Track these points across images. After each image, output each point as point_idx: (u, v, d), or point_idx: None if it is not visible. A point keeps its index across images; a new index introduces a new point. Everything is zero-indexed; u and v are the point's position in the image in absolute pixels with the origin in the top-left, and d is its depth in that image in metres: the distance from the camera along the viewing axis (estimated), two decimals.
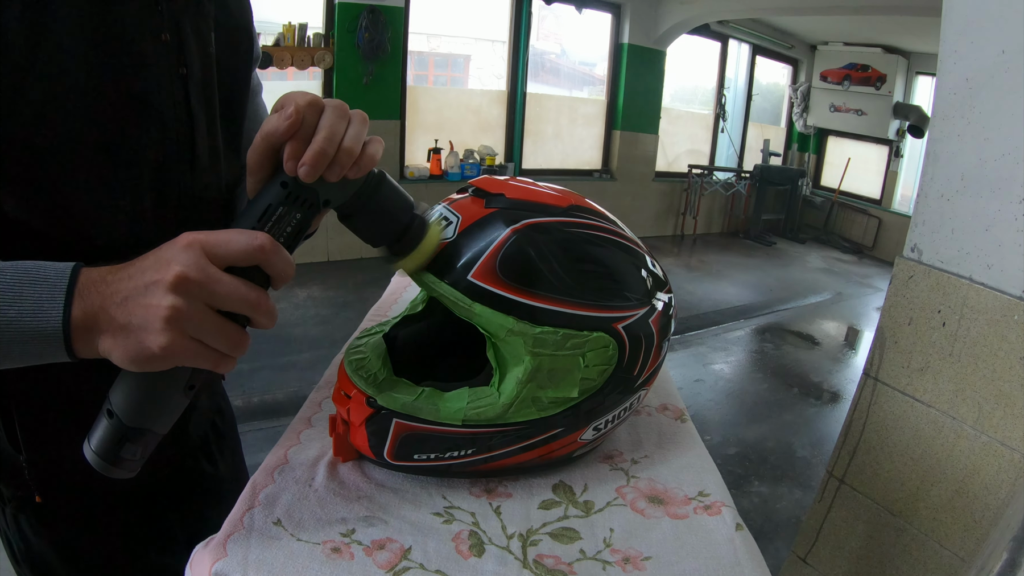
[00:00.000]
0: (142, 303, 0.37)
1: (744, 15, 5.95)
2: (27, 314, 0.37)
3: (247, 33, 0.64)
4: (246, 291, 0.39)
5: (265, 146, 0.43)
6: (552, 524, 0.53)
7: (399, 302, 0.97)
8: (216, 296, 0.38)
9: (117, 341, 0.37)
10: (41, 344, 0.37)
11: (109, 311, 0.37)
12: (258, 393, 2.61)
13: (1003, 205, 0.94)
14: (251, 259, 0.39)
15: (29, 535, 0.60)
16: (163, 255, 0.38)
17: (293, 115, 0.42)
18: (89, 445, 0.42)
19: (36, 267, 0.38)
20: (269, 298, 0.40)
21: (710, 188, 6.76)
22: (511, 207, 0.53)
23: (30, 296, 0.37)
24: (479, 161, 5.07)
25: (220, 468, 0.76)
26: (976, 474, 0.99)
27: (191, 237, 0.38)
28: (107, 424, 0.41)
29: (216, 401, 0.78)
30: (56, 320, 0.37)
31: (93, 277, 0.38)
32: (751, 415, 2.92)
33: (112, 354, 0.38)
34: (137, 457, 0.42)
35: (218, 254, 0.38)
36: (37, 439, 0.56)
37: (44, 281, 0.37)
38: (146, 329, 0.36)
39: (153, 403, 0.41)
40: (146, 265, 0.38)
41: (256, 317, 0.40)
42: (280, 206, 0.43)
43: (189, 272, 0.37)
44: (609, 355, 0.54)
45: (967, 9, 0.96)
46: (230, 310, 0.39)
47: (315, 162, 0.42)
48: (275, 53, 4.02)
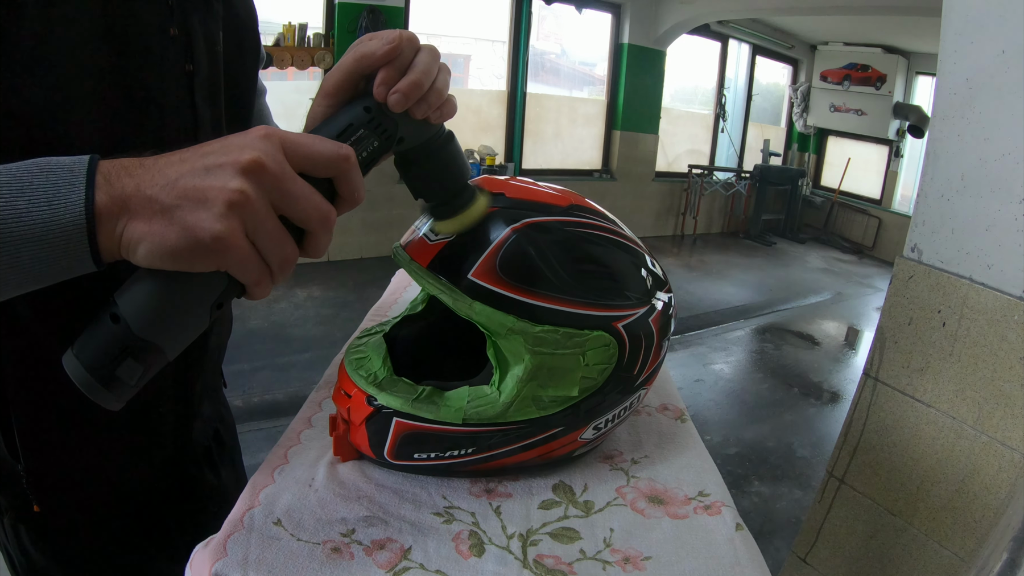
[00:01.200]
0: (200, 184, 0.32)
1: (744, 15, 5.95)
2: (40, 203, 0.31)
3: (253, 34, 0.64)
4: (320, 200, 0.35)
5: (356, 67, 0.42)
6: (552, 524, 0.53)
7: (399, 302, 0.97)
8: (289, 196, 0.34)
9: (154, 226, 0.31)
10: (59, 240, 0.31)
11: (148, 192, 0.32)
12: (258, 393, 2.61)
13: (1003, 205, 0.94)
14: (332, 168, 0.36)
15: (27, 545, 0.59)
16: (234, 141, 0.33)
17: (396, 40, 0.41)
18: (75, 355, 0.34)
19: (48, 159, 0.32)
20: (335, 212, 0.36)
21: (710, 188, 6.76)
22: (511, 206, 0.53)
23: (43, 184, 0.31)
24: (479, 161, 5.07)
25: (222, 477, 0.76)
26: (976, 474, 0.99)
27: (269, 129, 0.34)
28: (109, 330, 0.33)
29: (219, 408, 0.77)
30: (77, 205, 0.31)
31: (124, 162, 0.33)
32: (751, 415, 2.92)
33: (142, 243, 0.32)
34: (134, 381, 0.34)
35: (298, 154, 0.34)
36: (36, 447, 0.55)
37: (59, 169, 0.32)
38: (201, 211, 0.31)
39: (175, 312, 0.34)
40: (208, 149, 0.33)
41: (320, 235, 0.36)
42: (362, 128, 0.41)
43: (266, 160, 0.32)
44: (609, 354, 0.54)
45: (967, 9, 0.96)
46: (297, 218, 0.34)
47: (409, 91, 0.41)
48: (275, 53, 4.02)
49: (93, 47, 0.46)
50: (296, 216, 0.34)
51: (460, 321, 0.53)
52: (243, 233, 0.32)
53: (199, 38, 0.54)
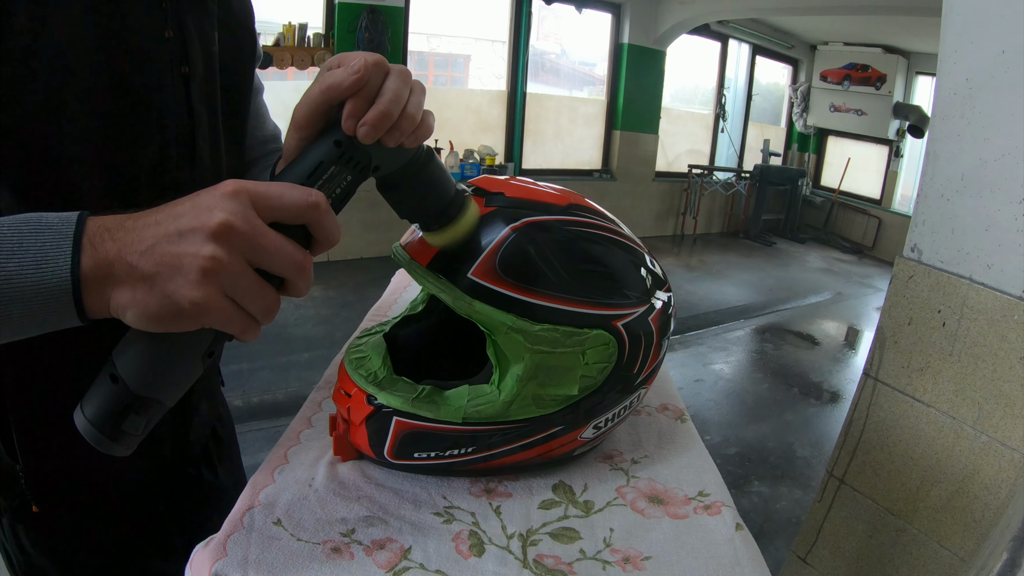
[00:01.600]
0: (174, 251, 0.32)
1: (744, 15, 5.95)
2: (29, 266, 0.32)
3: (250, 33, 0.64)
4: (293, 251, 0.35)
5: (323, 100, 0.41)
6: (552, 524, 0.53)
7: (399, 302, 0.97)
8: (262, 252, 0.34)
9: (137, 294, 0.33)
10: (46, 302, 0.32)
11: (129, 259, 0.32)
12: (258, 393, 2.61)
13: (1003, 205, 0.94)
14: (302, 217, 0.36)
15: (26, 545, 0.59)
16: (203, 201, 0.33)
17: (361, 70, 0.39)
18: (83, 414, 0.37)
19: (36, 217, 0.33)
20: (311, 260, 0.37)
21: (710, 188, 6.77)
22: (511, 206, 0.53)
23: (32, 246, 0.32)
24: (479, 161, 5.07)
25: (220, 475, 0.76)
26: (976, 474, 0.99)
27: (238, 184, 0.34)
28: (111, 391, 0.36)
29: (216, 407, 0.77)
30: (63, 271, 0.32)
31: (106, 224, 0.34)
32: (751, 415, 2.92)
33: (128, 310, 0.33)
34: (139, 432, 0.37)
35: (267, 207, 0.35)
36: (34, 448, 0.55)
37: (47, 229, 0.33)
38: (177, 281, 0.32)
39: (168, 369, 0.36)
40: (180, 211, 0.33)
41: (297, 282, 0.36)
42: (332, 164, 0.40)
43: (235, 221, 0.33)
44: (609, 353, 0.54)
45: (967, 9, 0.96)
46: (273, 270, 0.35)
47: (377, 123, 0.40)
48: (275, 53, 4.02)
49: (87, 51, 0.46)
50: (271, 269, 0.35)
51: (460, 320, 0.53)
52: (221, 294, 0.33)
53: (194, 39, 0.54)
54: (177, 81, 0.53)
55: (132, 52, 0.49)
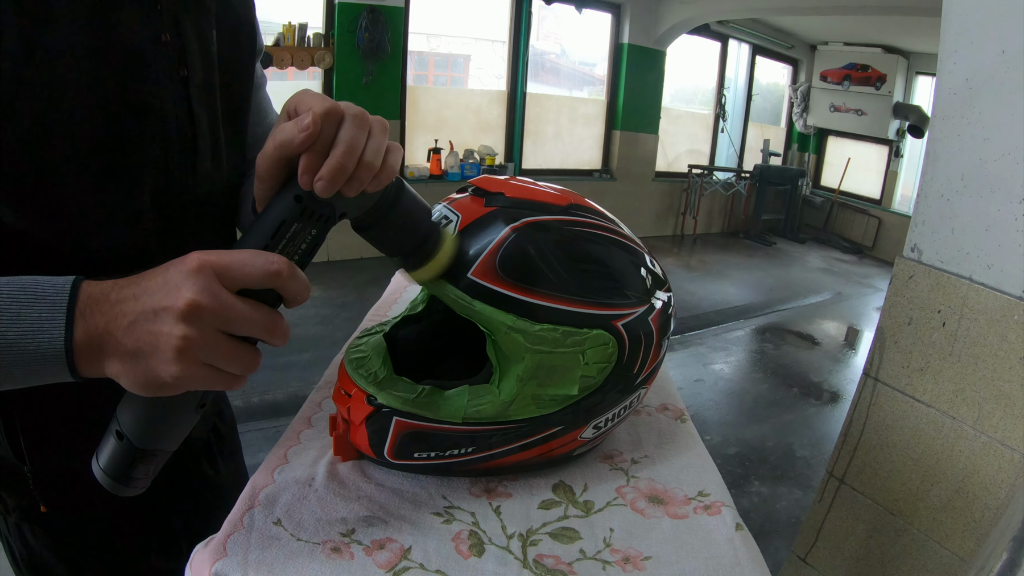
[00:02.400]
0: (151, 330, 0.35)
1: (744, 15, 5.95)
2: (27, 336, 0.35)
3: (250, 28, 0.63)
4: (260, 316, 0.37)
5: (278, 156, 0.41)
6: (552, 524, 0.53)
7: (399, 302, 0.97)
8: (230, 322, 0.36)
9: (125, 367, 0.36)
10: (44, 366, 0.36)
11: (115, 335, 0.35)
12: (258, 393, 2.61)
13: (1003, 205, 0.94)
14: (266, 284, 0.37)
15: (33, 543, 0.60)
16: (171, 278, 0.35)
17: (310, 126, 0.39)
18: (98, 464, 0.41)
19: (34, 284, 0.36)
20: (283, 319, 0.39)
21: (710, 188, 6.76)
22: (511, 206, 0.53)
23: (28, 316, 0.35)
24: (479, 161, 5.07)
25: (221, 471, 0.76)
26: (976, 474, 0.99)
27: (201, 259, 0.36)
28: (117, 446, 0.40)
29: (217, 404, 0.78)
30: (58, 342, 0.35)
31: (95, 294, 0.36)
32: (751, 415, 2.92)
33: (120, 379, 0.36)
34: (148, 476, 0.42)
35: (231, 277, 0.36)
36: (41, 449, 0.55)
37: (43, 299, 0.35)
38: (156, 358, 0.35)
39: (165, 425, 0.40)
40: (153, 287, 0.35)
41: (270, 340, 0.38)
42: (295, 222, 0.40)
43: (201, 299, 0.35)
44: (609, 353, 0.54)
45: (967, 9, 0.96)
46: (245, 334, 0.37)
47: (333, 177, 0.39)
48: (275, 53, 4.02)
49: (82, 63, 0.45)
50: (243, 334, 0.37)
51: (460, 320, 0.53)
52: (199, 364, 0.36)
53: (192, 42, 0.54)
54: (176, 85, 0.53)
55: (129, 59, 0.49)
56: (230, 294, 0.36)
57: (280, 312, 0.39)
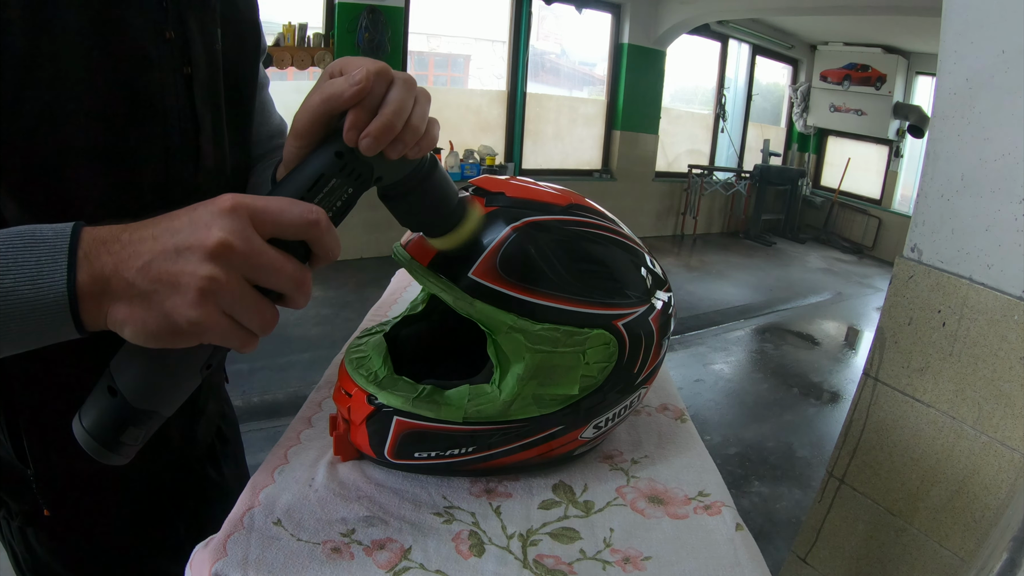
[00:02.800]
0: (171, 269, 0.32)
1: (744, 15, 5.95)
2: (24, 282, 0.31)
3: (254, 28, 0.63)
4: (292, 268, 0.34)
5: (324, 110, 0.39)
6: (552, 524, 0.53)
7: (399, 302, 0.97)
8: (260, 271, 0.33)
9: (134, 311, 0.32)
10: (43, 317, 0.32)
11: (125, 275, 0.32)
12: (258, 393, 2.61)
13: (1003, 205, 0.94)
14: (302, 234, 0.35)
15: (36, 548, 0.59)
16: (200, 217, 0.33)
17: (362, 81, 0.38)
18: (82, 424, 0.37)
19: (31, 230, 0.33)
20: (310, 275, 0.36)
21: (710, 188, 6.76)
22: (511, 205, 0.53)
23: (26, 261, 0.32)
24: (479, 161, 5.07)
25: (225, 474, 0.76)
26: (976, 474, 0.99)
27: (236, 199, 0.33)
28: (109, 404, 0.36)
29: (221, 406, 0.77)
30: (60, 286, 0.32)
31: (102, 235, 0.33)
32: (751, 415, 2.92)
33: (126, 326, 0.33)
34: (138, 442, 0.38)
35: (266, 222, 0.34)
36: (45, 452, 0.54)
37: (42, 243, 0.32)
38: (175, 300, 0.32)
39: (167, 384, 0.37)
40: (177, 226, 0.33)
41: (296, 297, 0.36)
42: (334, 177, 0.39)
43: (233, 240, 0.32)
44: (609, 352, 0.54)
45: (967, 9, 0.96)
46: (271, 287, 0.35)
47: (380, 135, 0.39)
48: (275, 53, 4.02)
49: (86, 56, 0.45)
50: (270, 286, 0.34)
51: (461, 320, 0.53)
52: (219, 312, 0.33)
53: (196, 39, 0.53)
54: (179, 82, 0.53)
55: (132, 54, 0.49)
56: (262, 240, 0.34)
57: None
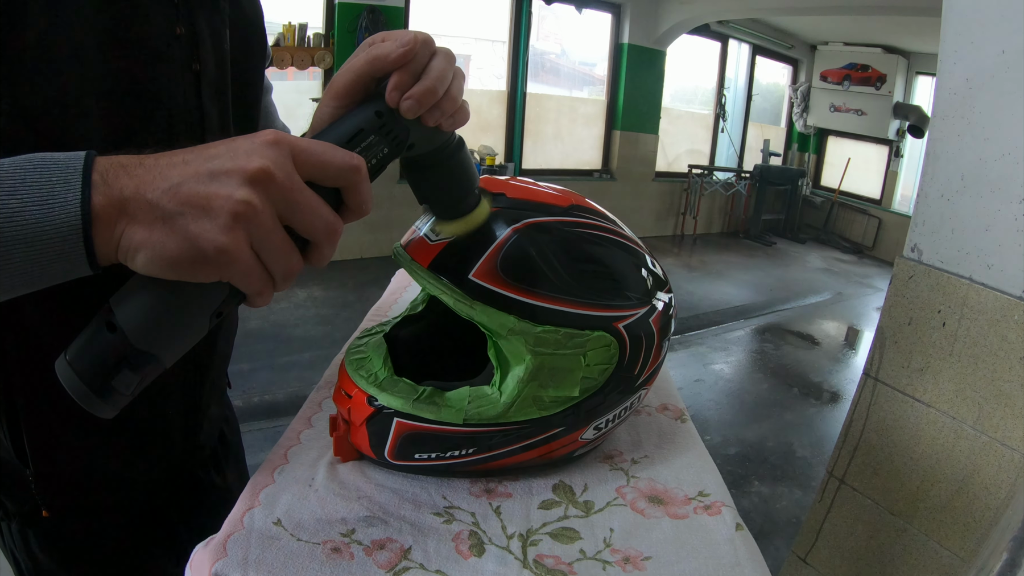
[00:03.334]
0: (205, 192, 0.30)
1: (744, 15, 5.95)
2: (33, 203, 0.29)
3: (259, 32, 0.63)
4: (327, 212, 0.34)
5: (368, 70, 0.40)
6: (552, 524, 0.53)
7: (399, 302, 0.97)
8: (296, 209, 0.32)
9: (155, 234, 0.30)
10: (52, 242, 0.29)
11: (148, 196, 0.30)
12: (258, 393, 2.61)
13: (1003, 205, 0.94)
14: (341, 179, 0.34)
15: (35, 549, 0.59)
16: (240, 145, 0.32)
17: (410, 43, 0.39)
18: (68, 363, 0.32)
19: (41, 155, 0.31)
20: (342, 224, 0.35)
21: (710, 188, 6.76)
22: (512, 207, 0.53)
23: (36, 182, 0.29)
24: (479, 161, 5.07)
25: (228, 478, 0.75)
26: (976, 474, 0.99)
27: (278, 134, 0.33)
28: (106, 340, 0.32)
29: (223, 410, 0.77)
30: (72, 206, 0.29)
31: (121, 160, 0.31)
32: (751, 415, 2.92)
33: (142, 251, 0.30)
34: (129, 391, 0.33)
35: (308, 163, 0.33)
36: (45, 452, 0.54)
37: (53, 165, 0.30)
38: (205, 221, 0.30)
39: (175, 323, 0.33)
40: (213, 152, 0.32)
41: (324, 247, 0.35)
42: (372, 133, 0.39)
43: (274, 170, 0.31)
44: (610, 354, 0.54)
45: (967, 9, 0.96)
46: (303, 230, 0.33)
47: (423, 98, 0.40)
48: (275, 53, 4.02)
49: (99, 48, 0.46)
50: (302, 228, 0.33)
51: (461, 321, 0.52)
52: (248, 245, 0.31)
53: (206, 37, 0.54)
54: (188, 79, 0.53)
55: (143, 49, 0.49)
56: (301, 179, 0.33)
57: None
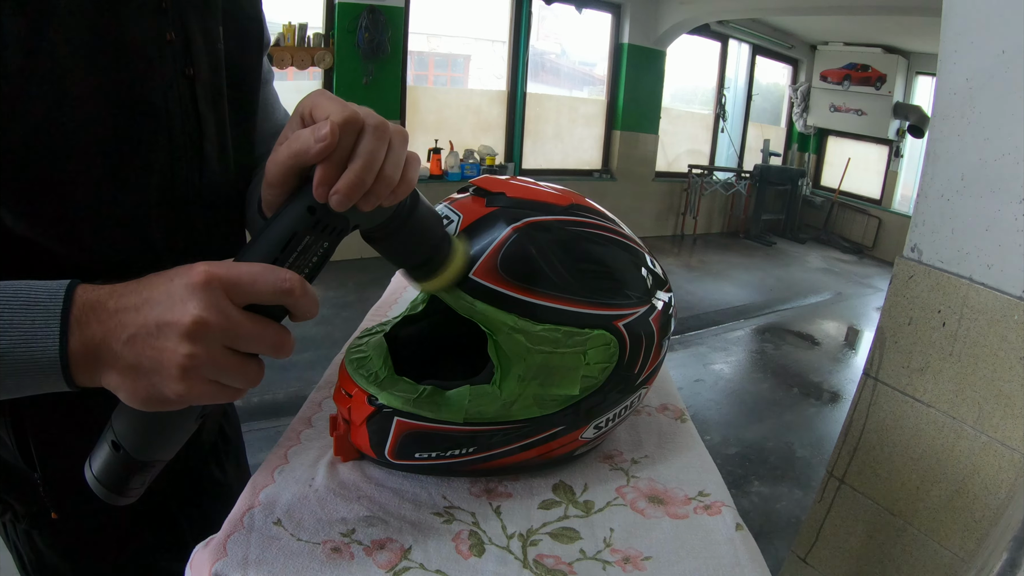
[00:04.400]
0: (154, 345, 0.33)
1: (744, 15, 5.96)
2: (19, 344, 0.33)
3: (258, 23, 0.62)
4: (269, 333, 0.36)
5: (292, 164, 0.39)
6: (552, 524, 0.53)
7: (399, 302, 0.97)
8: (238, 339, 0.35)
9: (125, 381, 0.35)
10: (37, 376, 0.34)
11: (112, 347, 0.34)
12: (258, 393, 2.61)
13: (1003, 205, 0.94)
14: (277, 301, 0.36)
15: (43, 549, 0.59)
16: (175, 291, 0.34)
17: (327, 137, 0.37)
18: (92, 472, 0.40)
19: (27, 288, 0.34)
20: (290, 334, 0.37)
21: (710, 188, 6.76)
22: (512, 206, 0.53)
23: (21, 324, 0.33)
24: (479, 161, 5.07)
25: (228, 473, 0.75)
26: (976, 474, 0.99)
27: (209, 271, 0.34)
28: (113, 456, 0.39)
29: (223, 405, 0.76)
30: (52, 351, 0.33)
31: (91, 300, 0.34)
32: (751, 415, 2.92)
33: (119, 392, 0.35)
34: (144, 484, 0.41)
35: (240, 293, 0.35)
36: (52, 456, 0.54)
37: (36, 305, 0.34)
38: (159, 375, 0.34)
39: (163, 437, 0.39)
40: (155, 297, 0.34)
41: (277, 356, 0.37)
42: (307, 234, 0.39)
43: (207, 316, 0.33)
44: (610, 353, 0.54)
45: (967, 9, 0.96)
46: (252, 351, 0.36)
47: (349, 192, 0.38)
48: (275, 53, 4.02)
49: (87, 58, 0.44)
50: (251, 351, 0.36)
51: (461, 320, 0.53)
52: (204, 381, 0.35)
53: (198, 40, 0.53)
54: (182, 85, 0.52)
55: (133, 59, 0.48)
56: (238, 310, 0.35)
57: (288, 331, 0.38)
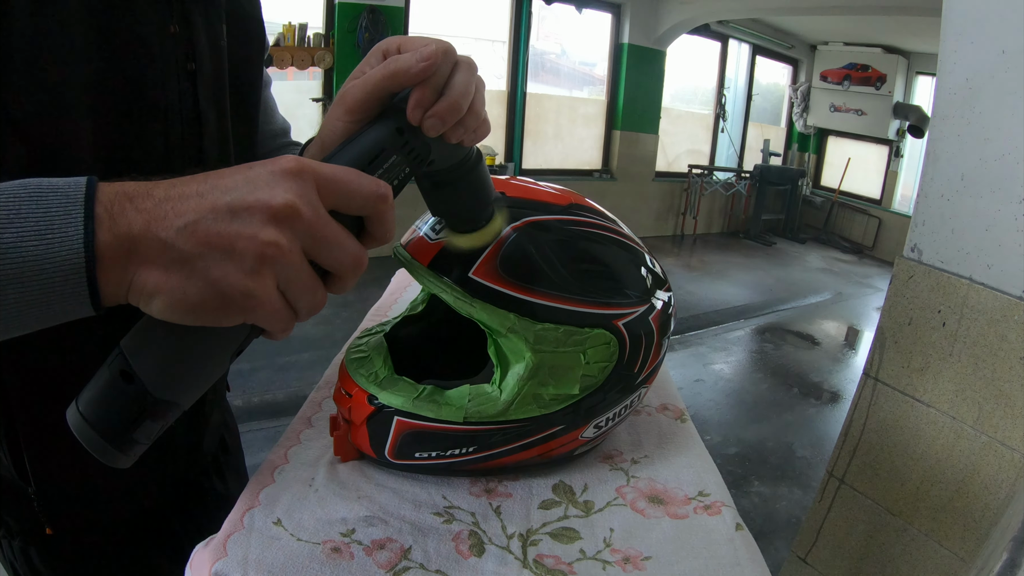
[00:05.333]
0: (224, 231, 0.28)
1: (744, 15, 5.96)
2: (30, 236, 0.26)
3: (258, 24, 0.62)
4: (353, 245, 0.31)
5: (386, 85, 0.38)
6: (552, 524, 0.53)
7: (399, 302, 0.97)
8: (323, 244, 0.30)
9: (172, 278, 0.27)
10: (51, 281, 0.26)
11: (161, 235, 0.27)
12: (258, 393, 2.61)
13: (1003, 205, 0.94)
14: (368, 208, 0.32)
15: (38, 565, 0.58)
16: (259, 176, 0.29)
17: (431, 57, 0.36)
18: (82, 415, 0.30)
19: (37, 180, 0.27)
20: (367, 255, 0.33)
21: (710, 188, 6.77)
22: (512, 205, 0.53)
23: (33, 213, 0.26)
24: None
25: (230, 484, 0.74)
26: (976, 474, 0.99)
27: (300, 163, 0.30)
28: (124, 392, 0.29)
29: (223, 415, 0.76)
30: (75, 240, 0.26)
31: (127, 190, 0.28)
32: (751, 415, 2.92)
33: (157, 297, 0.28)
34: (150, 440, 0.31)
35: (333, 193, 0.31)
36: (46, 470, 0.53)
37: (51, 192, 0.27)
38: (228, 264, 0.28)
39: (195, 369, 0.31)
40: (228, 184, 0.29)
41: (348, 279, 0.33)
42: (394, 153, 0.37)
43: (301, 206, 0.29)
44: (610, 352, 0.54)
45: (967, 9, 0.96)
46: (329, 264, 0.31)
47: (446, 116, 0.37)
48: (275, 53, 4.02)
49: (89, 50, 0.44)
50: (328, 263, 0.31)
51: (461, 320, 0.53)
52: (275, 286, 0.29)
53: (201, 34, 0.52)
54: (183, 79, 0.51)
55: (135, 49, 0.47)
56: (326, 211, 0.30)
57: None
